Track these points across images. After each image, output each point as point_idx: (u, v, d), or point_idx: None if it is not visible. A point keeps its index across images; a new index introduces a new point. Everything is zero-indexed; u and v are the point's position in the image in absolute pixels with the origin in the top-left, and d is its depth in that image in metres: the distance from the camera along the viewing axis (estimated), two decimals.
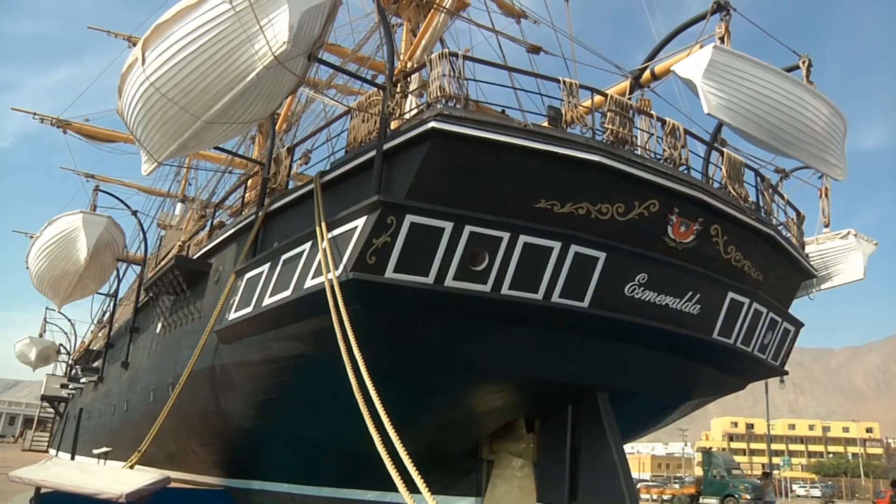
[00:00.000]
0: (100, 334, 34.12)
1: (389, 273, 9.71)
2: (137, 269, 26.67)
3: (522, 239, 10.02)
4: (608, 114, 10.92)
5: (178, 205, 35.82)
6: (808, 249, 15.68)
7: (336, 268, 9.85)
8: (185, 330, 16.15)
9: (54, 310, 35.24)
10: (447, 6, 16.19)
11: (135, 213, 25.59)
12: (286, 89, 10.87)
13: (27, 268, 24.18)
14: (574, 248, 10.31)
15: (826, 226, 16.38)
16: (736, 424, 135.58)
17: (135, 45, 10.52)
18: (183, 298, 16.41)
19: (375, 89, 11.44)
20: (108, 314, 31.47)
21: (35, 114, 34.14)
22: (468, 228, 9.75)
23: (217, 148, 15.75)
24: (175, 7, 9.89)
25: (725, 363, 13.35)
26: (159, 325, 18.63)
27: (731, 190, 12.11)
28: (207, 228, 18.06)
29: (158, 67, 9.76)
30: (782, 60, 12.94)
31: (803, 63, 13.01)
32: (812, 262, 15.16)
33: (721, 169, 12.45)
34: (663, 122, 11.65)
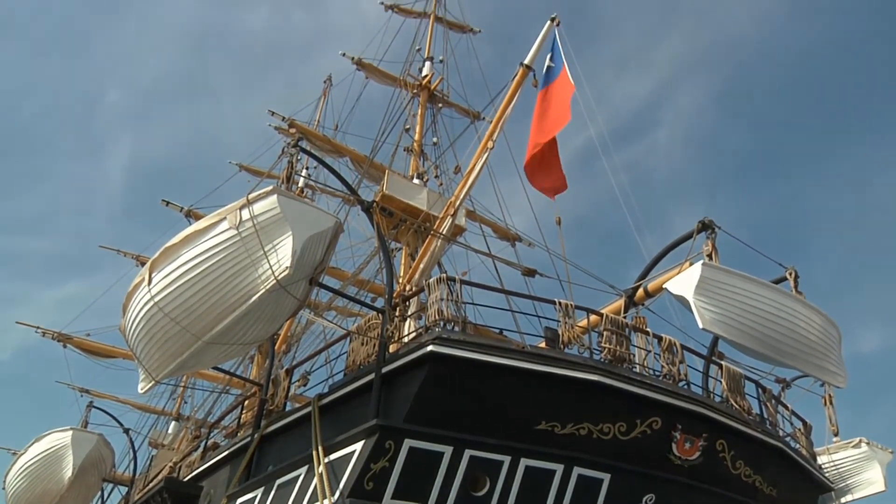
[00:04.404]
0: None
1: (387, 499, 9.47)
2: (124, 489, 25.49)
3: (524, 462, 9.85)
4: (605, 333, 11.08)
5: (173, 423, 35.06)
6: (820, 460, 15.22)
7: (332, 493, 9.60)
8: None
9: None
10: (444, 232, 16.93)
11: (126, 430, 24.89)
12: (287, 312, 11.10)
13: (3, 488, 23.04)
14: (577, 471, 10.10)
15: (835, 434, 16.02)
16: None
17: (143, 264, 10.87)
18: None
19: (375, 313, 11.68)
20: None
21: (38, 328, 34.13)
22: (468, 452, 9.61)
23: (215, 368, 15.72)
24: (184, 231, 10.39)
25: None
26: None
27: (734, 403, 12.00)
28: (201, 449, 17.57)
29: (164, 288, 10.02)
30: (770, 272, 13.34)
31: (790, 275, 13.34)
32: (827, 474, 14.64)
33: (721, 382, 12.41)
34: (660, 339, 11.79)
